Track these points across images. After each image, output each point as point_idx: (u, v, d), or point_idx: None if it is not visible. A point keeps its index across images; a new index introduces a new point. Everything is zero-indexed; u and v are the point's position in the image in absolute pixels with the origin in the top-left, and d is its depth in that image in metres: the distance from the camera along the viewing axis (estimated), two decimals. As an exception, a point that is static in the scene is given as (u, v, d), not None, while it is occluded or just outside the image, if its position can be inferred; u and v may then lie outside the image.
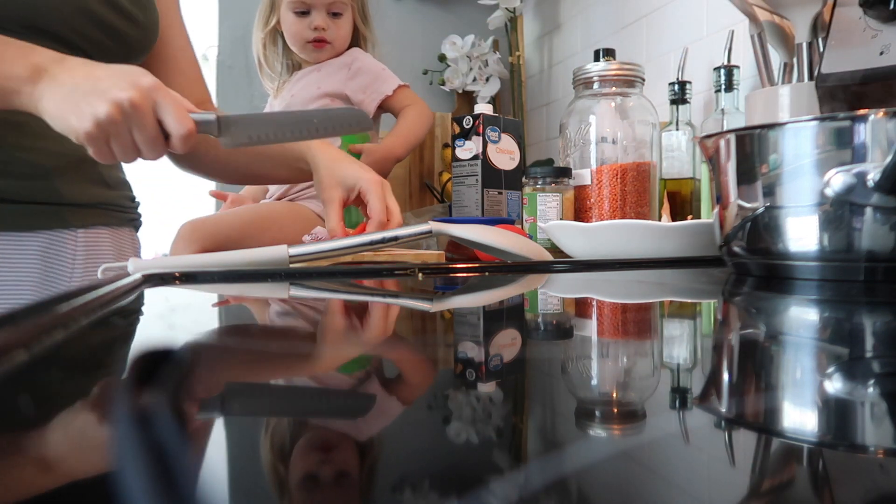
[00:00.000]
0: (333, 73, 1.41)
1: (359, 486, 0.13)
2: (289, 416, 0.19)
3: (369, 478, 0.14)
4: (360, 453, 0.15)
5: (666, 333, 0.33)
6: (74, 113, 0.60)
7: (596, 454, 0.15)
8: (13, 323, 0.25)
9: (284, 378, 0.24)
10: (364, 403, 0.20)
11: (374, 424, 0.18)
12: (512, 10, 1.82)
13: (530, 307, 0.45)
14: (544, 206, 1.02)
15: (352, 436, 0.17)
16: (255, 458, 0.15)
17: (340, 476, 0.14)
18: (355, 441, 0.16)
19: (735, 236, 0.54)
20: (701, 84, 1.21)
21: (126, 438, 0.11)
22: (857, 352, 0.27)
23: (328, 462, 0.15)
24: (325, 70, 1.41)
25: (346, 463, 0.14)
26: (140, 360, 0.16)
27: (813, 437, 0.16)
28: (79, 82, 0.61)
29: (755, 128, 0.52)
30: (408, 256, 0.83)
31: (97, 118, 0.60)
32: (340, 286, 0.57)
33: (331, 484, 0.13)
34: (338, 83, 1.39)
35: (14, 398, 0.19)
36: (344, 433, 0.17)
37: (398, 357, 0.28)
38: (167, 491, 0.09)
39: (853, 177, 0.44)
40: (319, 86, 1.40)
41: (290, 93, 1.42)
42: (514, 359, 0.26)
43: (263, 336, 0.34)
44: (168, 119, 0.62)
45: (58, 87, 0.61)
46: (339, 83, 1.39)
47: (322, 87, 1.39)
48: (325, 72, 1.41)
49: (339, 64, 1.41)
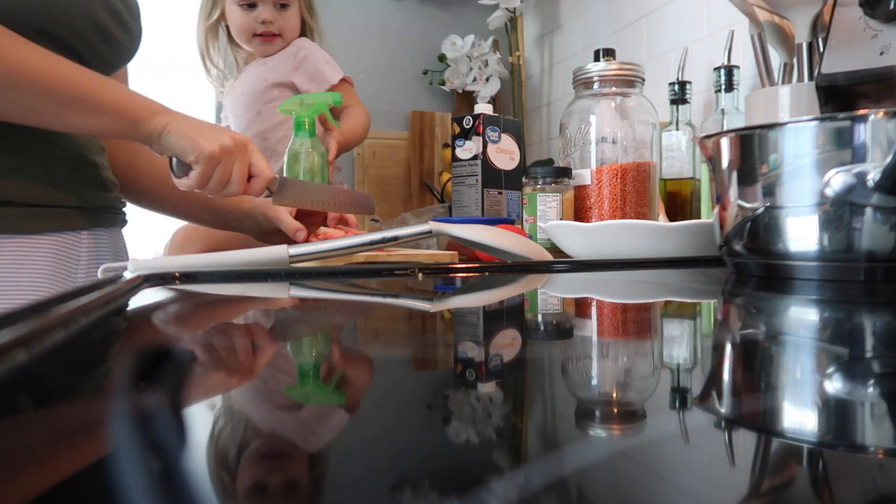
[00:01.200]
0: (280, 63, 1.38)
1: (354, 487, 0.13)
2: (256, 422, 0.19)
3: (366, 479, 0.14)
4: (356, 454, 0.15)
5: (665, 334, 0.33)
6: (204, 137, 0.75)
7: (595, 454, 0.15)
8: (13, 323, 0.25)
9: (278, 377, 0.24)
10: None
11: (370, 426, 0.18)
12: (512, 10, 1.82)
13: (530, 307, 0.45)
14: (544, 207, 1.02)
15: (352, 436, 0.17)
16: (255, 458, 0.15)
17: (334, 479, 0.14)
18: (356, 441, 0.16)
19: (735, 236, 0.54)
20: (701, 84, 1.21)
21: (123, 437, 0.11)
22: (856, 352, 0.27)
23: (315, 464, 0.15)
24: (272, 62, 1.39)
25: (343, 465, 0.14)
26: (139, 359, 0.16)
27: (812, 437, 0.16)
28: (200, 121, 0.77)
29: (755, 128, 0.52)
30: (421, 257, 0.83)
31: (222, 144, 0.75)
32: (340, 286, 0.57)
33: (324, 487, 0.13)
34: (284, 73, 1.37)
35: (14, 398, 0.19)
36: (343, 434, 0.17)
37: (395, 356, 0.28)
38: (167, 490, 0.09)
39: (853, 177, 0.44)
40: (267, 77, 1.38)
41: (240, 89, 1.41)
42: (513, 359, 0.26)
43: (259, 335, 0.34)
44: (259, 164, 0.80)
45: (185, 119, 0.76)
46: (286, 73, 1.37)
47: (269, 79, 1.37)
48: (272, 64, 1.39)
49: (285, 55, 1.39)
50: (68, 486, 0.13)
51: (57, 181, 0.79)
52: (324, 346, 0.31)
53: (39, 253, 0.78)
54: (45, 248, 0.78)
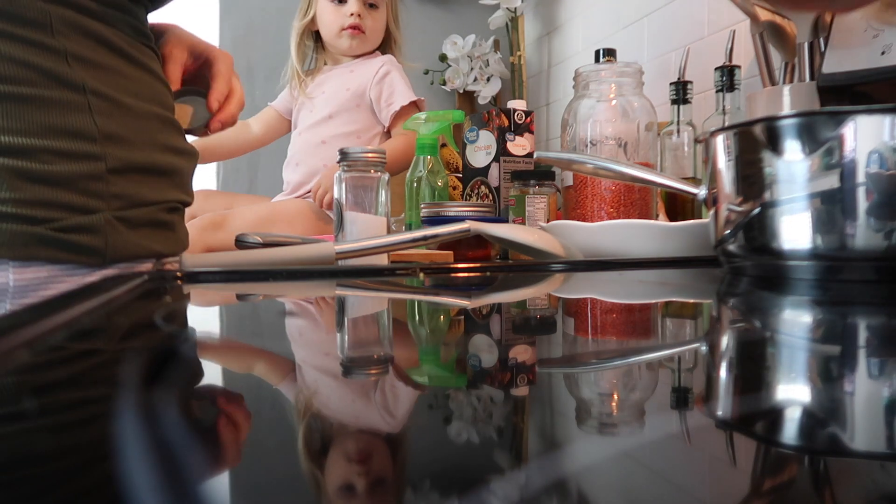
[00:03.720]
0: (363, 74, 1.45)
1: (385, 483, 0.13)
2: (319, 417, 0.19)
3: (394, 475, 0.14)
4: (387, 450, 0.15)
5: (663, 334, 0.33)
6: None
7: (594, 454, 0.15)
8: (17, 323, 0.25)
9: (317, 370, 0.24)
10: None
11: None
12: (513, 9, 1.82)
13: (552, 307, 0.45)
14: (532, 208, 1.04)
15: (378, 431, 0.17)
16: (290, 458, 0.15)
17: (371, 473, 0.14)
18: (383, 437, 0.16)
19: (730, 237, 0.54)
20: (702, 84, 1.21)
21: (130, 437, 0.11)
22: (852, 351, 0.27)
23: (358, 461, 0.15)
24: (358, 71, 1.46)
25: (377, 461, 0.15)
26: (141, 359, 0.16)
27: (810, 438, 0.16)
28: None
29: (747, 124, 0.52)
30: (417, 256, 0.84)
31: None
32: (342, 286, 0.57)
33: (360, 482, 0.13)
34: (363, 85, 1.44)
35: (17, 398, 0.19)
36: (373, 429, 0.17)
37: (405, 356, 0.28)
38: (173, 489, 0.09)
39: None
40: (348, 87, 1.45)
41: (320, 90, 1.47)
42: (512, 358, 0.27)
43: (291, 332, 0.34)
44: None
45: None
46: (365, 85, 1.44)
47: (350, 88, 1.44)
48: (357, 72, 1.46)
49: (371, 67, 1.46)
50: (69, 486, 0.13)
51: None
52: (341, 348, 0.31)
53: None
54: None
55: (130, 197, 0.57)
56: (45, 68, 0.53)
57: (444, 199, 1.12)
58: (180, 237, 0.65)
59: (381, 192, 0.84)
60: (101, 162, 0.55)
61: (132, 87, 0.59)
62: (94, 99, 0.55)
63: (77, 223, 0.53)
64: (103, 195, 0.55)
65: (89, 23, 0.56)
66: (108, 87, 0.57)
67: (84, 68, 0.55)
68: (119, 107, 0.57)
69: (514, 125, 1.16)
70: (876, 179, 0.44)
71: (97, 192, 0.54)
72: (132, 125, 0.58)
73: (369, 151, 0.84)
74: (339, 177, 0.84)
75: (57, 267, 0.53)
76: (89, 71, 0.55)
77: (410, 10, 2.03)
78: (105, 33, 0.57)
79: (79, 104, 0.54)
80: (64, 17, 0.54)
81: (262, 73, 1.85)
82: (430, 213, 0.98)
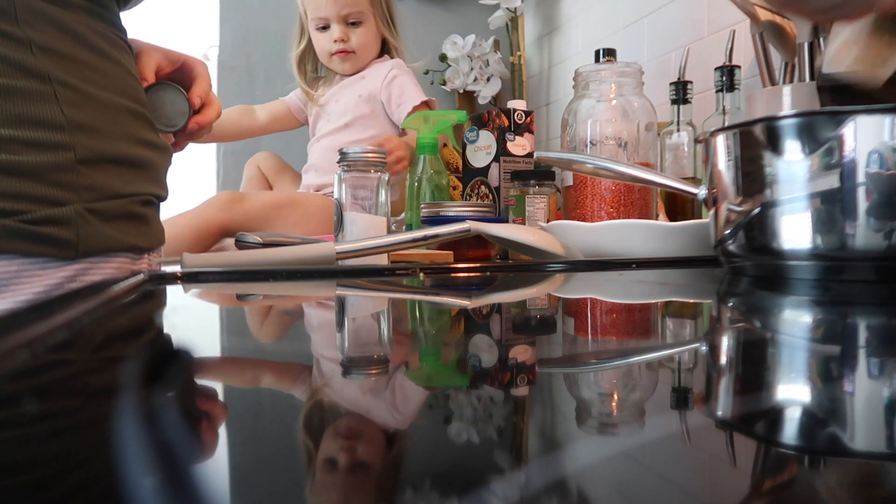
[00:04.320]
0: (373, 79, 1.49)
1: (381, 477, 0.13)
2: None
3: (391, 470, 0.14)
4: (385, 445, 0.15)
5: (663, 334, 0.33)
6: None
7: (594, 454, 0.15)
8: (17, 323, 0.25)
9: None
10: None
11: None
12: (513, 9, 1.82)
13: (549, 306, 0.45)
14: (532, 208, 1.04)
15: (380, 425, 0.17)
16: (288, 444, 0.15)
17: (360, 466, 0.14)
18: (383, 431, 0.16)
19: (730, 237, 0.54)
20: (702, 84, 1.21)
21: (130, 436, 0.11)
22: (852, 351, 0.27)
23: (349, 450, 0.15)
24: (368, 77, 1.50)
25: (369, 454, 0.15)
26: (141, 358, 0.16)
27: (809, 438, 0.16)
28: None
29: (747, 124, 0.52)
30: (417, 256, 0.84)
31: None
32: (342, 287, 0.57)
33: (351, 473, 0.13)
34: (374, 90, 1.48)
35: (17, 398, 0.19)
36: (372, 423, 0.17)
37: (405, 355, 0.28)
38: (173, 488, 0.09)
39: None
40: (360, 93, 1.48)
41: (335, 98, 1.51)
42: (512, 359, 0.27)
43: (286, 336, 0.34)
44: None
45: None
46: (376, 90, 1.48)
47: (362, 94, 1.48)
48: (368, 79, 1.50)
49: (380, 72, 1.49)
50: (71, 486, 0.13)
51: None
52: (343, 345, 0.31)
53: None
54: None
55: (102, 189, 0.56)
56: (9, 57, 0.52)
57: (445, 200, 1.12)
58: (155, 231, 0.64)
59: (381, 192, 0.84)
60: (70, 152, 0.54)
61: (101, 79, 0.58)
62: (60, 89, 0.54)
63: (47, 215, 0.52)
64: (74, 186, 0.54)
65: (56, 12, 0.55)
66: (74, 77, 0.56)
67: (49, 58, 0.54)
68: (87, 97, 0.56)
69: (514, 125, 1.16)
70: (876, 179, 0.44)
71: (68, 183, 0.53)
72: (102, 116, 0.57)
73: (369, 151, 0.84)
74: (339, 177, 0.84)
75: (28, 260, 0.52)
76: (55, 61, 0.54)
77: (410, 10, 2.03)
78: (72, 24, 0.56)
79: (44, 93, 0.53)
80: (30, 7, 0.53)
81: (262, 73, 1.85)
82: (430, 213, 0.98)
